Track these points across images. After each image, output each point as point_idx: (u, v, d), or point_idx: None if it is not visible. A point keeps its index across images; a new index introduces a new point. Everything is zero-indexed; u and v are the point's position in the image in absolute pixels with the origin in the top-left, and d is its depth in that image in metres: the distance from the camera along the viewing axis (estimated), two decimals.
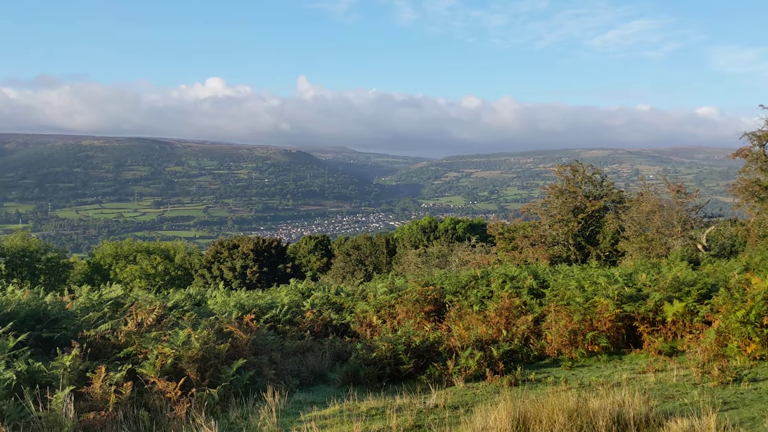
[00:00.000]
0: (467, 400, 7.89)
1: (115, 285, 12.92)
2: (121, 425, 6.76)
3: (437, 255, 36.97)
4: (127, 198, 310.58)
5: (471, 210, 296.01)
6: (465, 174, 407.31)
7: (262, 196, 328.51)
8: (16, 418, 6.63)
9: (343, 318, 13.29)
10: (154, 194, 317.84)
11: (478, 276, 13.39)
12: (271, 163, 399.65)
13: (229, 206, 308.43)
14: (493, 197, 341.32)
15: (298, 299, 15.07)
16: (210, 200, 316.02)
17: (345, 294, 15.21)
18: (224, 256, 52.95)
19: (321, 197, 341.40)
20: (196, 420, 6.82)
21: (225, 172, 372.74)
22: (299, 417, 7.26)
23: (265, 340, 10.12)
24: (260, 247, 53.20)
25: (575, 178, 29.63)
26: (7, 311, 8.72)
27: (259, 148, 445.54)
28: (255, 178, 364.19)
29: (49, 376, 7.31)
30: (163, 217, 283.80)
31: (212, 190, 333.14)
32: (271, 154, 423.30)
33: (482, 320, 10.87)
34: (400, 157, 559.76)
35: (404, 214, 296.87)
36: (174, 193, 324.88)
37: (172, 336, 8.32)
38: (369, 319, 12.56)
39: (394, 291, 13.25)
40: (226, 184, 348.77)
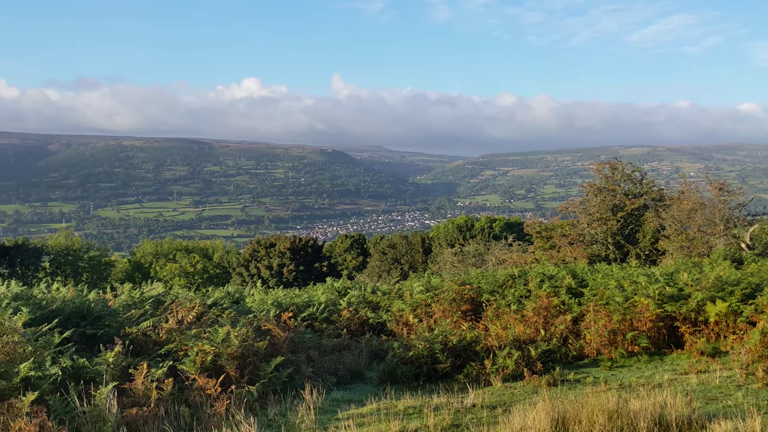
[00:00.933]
0: (505, 399, 7.85)
1: (156, 283, 13.16)
2: (162, 421, 6.88)
3: (473, 254, 36.78)
4: (167, 197, 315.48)
5: (507, 208, 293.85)
6: (501, 172, 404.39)
7: (298, 195, 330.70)
8: (61, 412, 6.80)
9: (380, 317, 13.31)
10: (193, 194, 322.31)
11: (516, 275, 13.29)
12: (307, 163, 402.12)
13: (266, 205, 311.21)
14: (530, 196, 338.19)
15: (334, 298, 15.13)
16: (247, 199, 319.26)
17: (381, 293, 15.23)
18: (261, 254, 53.48)
19: (356, 196, 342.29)
20: (236, 416, 6.91)
21: (262, 172, 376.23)
22: (337, 415, 7.30)
23: (303, 338, 10.20)
24: (297, 246, 53.61)
25: (614, 176, 29.18)
26: (53, 308, 8.94)
27: (295, 147, 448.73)
28: (291, 178, 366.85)
29: (93, 372, 7.48)
30: (201, 216, 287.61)
31: (249, 190, 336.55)
32: (307, 154, 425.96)
33: (520, 320, 10.79)
34: (435, 155, 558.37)
35: (440, 212, 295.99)
36: (212, 192, 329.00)
37: (212, 333, 8.44)
38: (405, 318, 12.56)
39: (431, 290, 13.22)
40: (263, 183, 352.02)
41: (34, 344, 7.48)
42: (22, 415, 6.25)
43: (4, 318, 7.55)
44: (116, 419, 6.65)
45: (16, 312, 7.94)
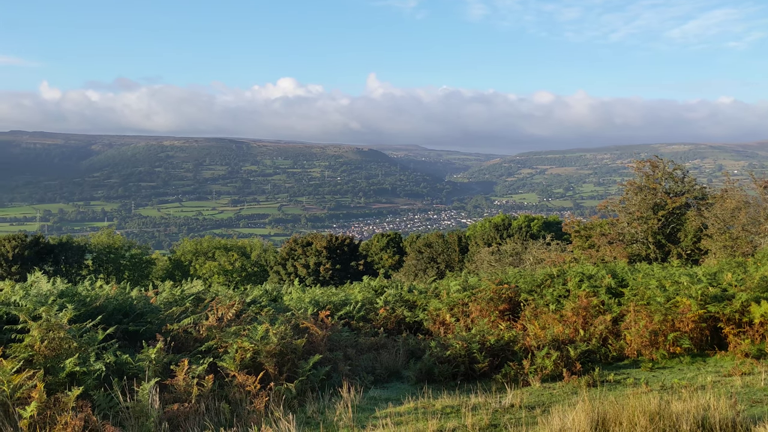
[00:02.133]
0: (544, 400, 7.78)
1: (196, 281, 13.35)
2: (203, 417, 6.98)
3: (511, 253, 36.51)
4: (206, 196, 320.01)
5: (545, 207, 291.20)
6: (539, 171, 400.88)
7: (334, 194, 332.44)
8: (105, 407, 6.95)
9: (416, 315, 13.30)
10: (231, 193, 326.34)
11: (554, 274, 13.15)
12: (344, 162, 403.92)
13: (303, 204, 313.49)
14: (568, 194, 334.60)
15: (371, 296, 15.16)
16: (284, 198, 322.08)
17: (418, 291, 15.22)
18: (298, 253, 53.88)
19: (392, 195, 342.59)
20: (275, 413, 6.97)
21: (299, 171, 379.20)
22: (374, 413, 7.32)
23: (340, 336, 10.25)
24: (333, 245, 53.87)
25: (655, 174, 28.66)
26: (97, 305, 9.13)
27: (331, 146, 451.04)
28: (328, 177, 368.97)
29: (135, 368, 7.62)
30: (239, 215, 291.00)
31: (286, 189, 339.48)
32: (344, 153, 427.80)
33: (558, 319, 10.68)
34: (472, 154, 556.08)
35: (476, 211, 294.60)
36: (250, 191, 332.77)
37: (251, 331, 8.53)
38: (442, 317, 12.53)
39: (468, 289, 13.17)
40: (300, 182, 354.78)
41: (79, 340, 7.66)
42: (68, 410, 6.40)
43: (50, 314, 7.74)
44: (158, 414, 6.77)
45: (62, 309, 8.13)
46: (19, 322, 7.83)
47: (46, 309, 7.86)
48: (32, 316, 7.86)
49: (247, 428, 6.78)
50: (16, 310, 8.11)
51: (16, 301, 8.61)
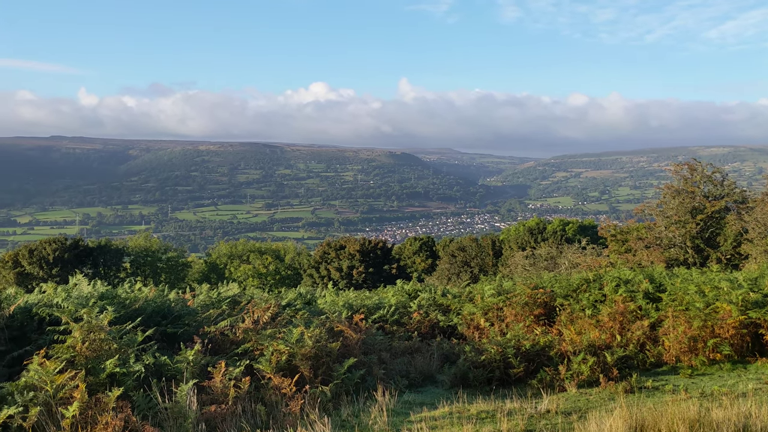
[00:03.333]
0: (580, 406, 7.70)
1: (232, 284, 13.50)
2: (240, 418, 7.06)
3: (545, 257, 36.17)
4: (241, 200, 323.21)
5: (580, 211, 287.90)
6: (574, 174, 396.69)
7: (367, 198, 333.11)
8: (144, 408, 7.07)
9: (450, 320, 13.27)
10: (265, 196, 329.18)
11: (590, 279, 12.99)
12: (376, 165, 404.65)
13: (336, 208, 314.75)
14: (603, 198, 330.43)
15: (404, 300, 15.17)
16: (317, 202, 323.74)
17: (451, 296, 15.17)
18: (331, 256, 54.10)
19: (425, 198, 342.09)
20: (310, 416, 7.02)
21: (332, 175, 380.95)
22: (409, 417, 7.32)
23: (374, 339, 10.27)
24: (366, 248, 53.98)
25: (693, 177, 28.15)
26: (136, 307, 9.29)
27: (364, 150, 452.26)
28: (360, 180, 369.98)
29: (173, 370, 7.74)
30: (273, 218, 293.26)
31: (320, 192, 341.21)
32: (376, 156, 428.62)
33: (595, 325, 10.55)
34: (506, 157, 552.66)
35: (510, 215, 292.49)
36: (283, 195, 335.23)
37: (287, 334, 8.60)
38: (476, 322, 12.47)
39: (502, 293, 13.09)
40: (333, 186, 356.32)
41: (119, 342, 7.80)
42: (108, 410, 6.53)
43: (91, 316, 7.91)
44: (196, 416, 6.87)
45: (102, 311, 8.30)
46: (61, 324, 8.01)
47: (87, 311, 8.03)
48: (74, 318, 8.03)
49: (283, 430, 6.83)
50: (59, 311, 8.31)
51: (58, 303, 8.81)
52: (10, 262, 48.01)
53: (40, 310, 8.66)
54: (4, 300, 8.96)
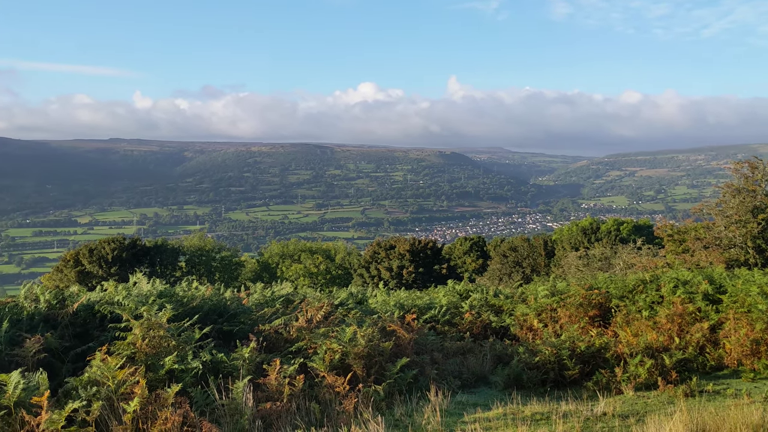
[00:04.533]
0: (638, 409, 7.54)
1: (285, 283, 13.67)
2: (294, 416, 7.14)
3: (599, 257, 35.52)
4: (292, 200, 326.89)
5: (635, 210, 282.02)
6: (628, 173, 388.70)
7: (417, 198, 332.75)
8: (202, 404, 7.21)
9: (503, 320, 13.14)
10: (316, 197, 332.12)
11: (647, 280, 12.71)
12: (426, 165, 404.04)
13: (385, 208, 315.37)
14: (659, 197, 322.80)
15: (456, 300, 15.10)
16: (367, 202, 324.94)
17: (504, 296, 15.03)
18: (381, 256, 54.23)
19: (475, 198, 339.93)
20: (363, 415, 7.05)
21: (381, 175, 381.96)
22: (463, 418, 7.28)
23: (426, 339, 10.26)
24: (416, 248, 53.93)
25: (754, 176, 27.22)
26: (193, 305, 9.49)
27: (414, 150, 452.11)
28: (410, 180, 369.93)
29: (230, 367, 7.87)
30: (323, 218, 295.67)
31: (369, 192, 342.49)
32: (426, 156, 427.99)
33: (652, 326, 10.32)
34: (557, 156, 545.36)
35: (563, 214, 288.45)
36: (334, 195, 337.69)
37: (339, 333, 8.67)
38: (530, 323, 12.33)
39: (556, 294, 12.91)
40: (383, 186, 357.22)
41: (178, 339, 7.98)
42: (167, 405, 6.68)
43: (150, 314, 8.12)
44: (252, 412, 6.97)
45: (161, 308, 8.50)
46: (122, 321, 8.23)
47: (147, 308, 8.24)
48: (134, 315, 8.25)
49: (337, 428, 6.89)
50: (120, 309, 8.54)
51: (119, 301, 9.06)
52: (72, 261, 49.59)
53: (102, 308, 8.92)
54: (68, 298, 9.26)
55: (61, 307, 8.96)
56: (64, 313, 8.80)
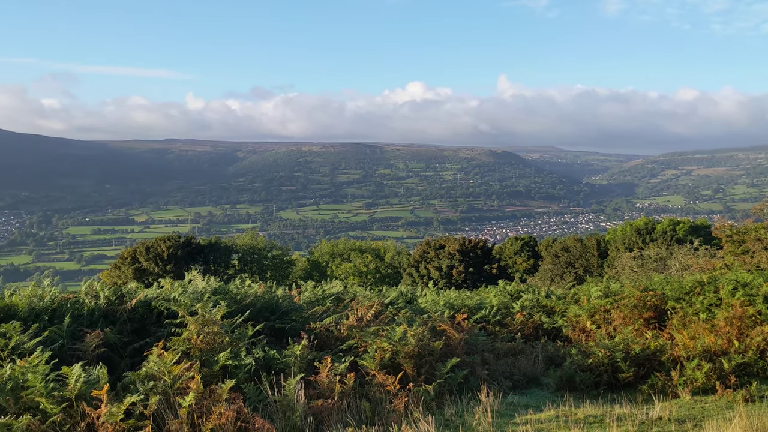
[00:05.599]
0: (695, 414, 7.35)
1: (335, 281, 13.77)
2: (345, 413, 7.19)
3: (654, 258, 34.71)
4: (341, 200, 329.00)
5: (692, 210, 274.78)
6: (685, 172, 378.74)
7: (466, 197, 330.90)
8: (255, 400, 7.32)
9: (555, 322, 12.98)
10: (365, 196, 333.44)
11: (704, 282, 12.37)
12: (476, 164, 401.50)
13: (435, 207, 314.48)
14: (717, 196, 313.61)
15: (507, 301, 14.97)
16: (416, 201, 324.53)
17: (556, 297, 14.84)
18: (431, 255, 54.11)
19: (527, 197, 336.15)
20: (414, 414, 7.06)
21: (431, 174, 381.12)
22: (514, 419, 7.22)
23: (477, 340, 10.20)
24: (466, 248, 53.64)
25: None
26: (246, 303, 9.65)
27: (464, 149, 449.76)
28: (460, 179, 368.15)
29: (282, 364, 7.98)
30: (373, 217, 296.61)
31: (419, 192, 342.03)
32: (476, 155, 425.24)
33: (710, 329, 10.03)
34: (611, 155, 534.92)
35: (616, 214, 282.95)
36: (383, 194, 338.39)
37: (390, 332, 8.69)
38: (582, 324, 12.14)
39: (610, 295, 12.68)
40: (432, 185, 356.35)
41: (231, 335, 8.13)
42: (221, 401, 6.81)
43: (205, 310, 8.29)
44: (304, 409, 7.05)
45: (215, 305, 8.67)
46: (178, 317, 8.43)
47: (202, 305, 8.42)
48: (189, 312, 8.44)
49: (387, 427, 6.91)
50: (176, 305, 8.75)
51: (175, 298, 9.27)
52: (129, 258, 50.94)
53: (159, 304, 9.15)
54: (127, 294, 9.53)
55: (119, 303, 9.22)
56: (122, 309, 9.05)
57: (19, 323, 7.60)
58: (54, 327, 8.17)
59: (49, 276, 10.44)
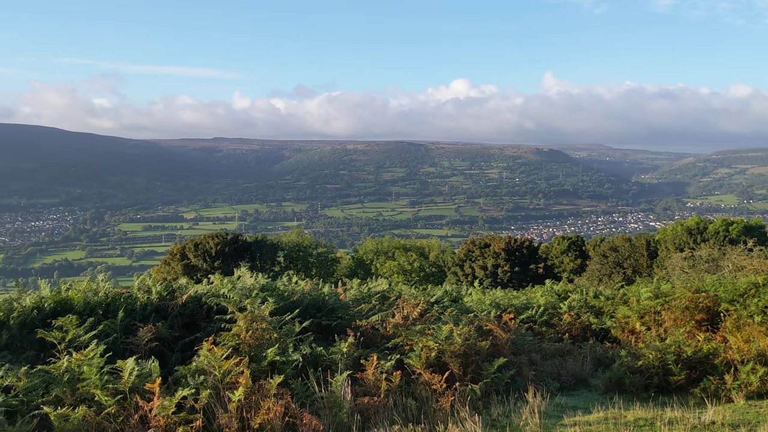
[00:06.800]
0: (749, 419, 7.15)
1: (381, 279, 13.82)
2: (391, 411, 7.21)
3: (706, 259, 33.83)
4: (386, 198, 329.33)
5: (746, 210, 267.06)
6: (738, 170, 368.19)
7: (512, 196, 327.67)
8: (302, 396, 7.40)
9: (603, 323, 12.78)
10: (410, 194, 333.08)
11: (759, 283, 12.02)
12: (522, 162, 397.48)
13: (480, 206, 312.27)
14: None
15: (554, 301, 14.80)
16: (461, 200, 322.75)
17: (604, 298, 14.61)
18: (476, 254, 53.78)
19: (574, 196, 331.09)
20: (460, 413, 7.04)
21: (476, 172, 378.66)
22: (562, 420, 7.14)
23: (524, 340, 10.12)
24: (512, 247, 53.15)
25: None
26: (293, 299, 9.76)
27: (510, 147, 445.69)
28: (505, 178, 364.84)
29: (328, 360, 8.04)
30: (417, 216, 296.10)
31: (463, 190, 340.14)
32: (522, 153, 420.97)
33: (765, 332, 9.77)
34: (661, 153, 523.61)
35: (666, 214, 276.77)
36: (428, 193, 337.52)
37: (436, 330, 8.69)
38: (632, 326, 11.93)
39: (660, 296, 12.42)
40: (477, 183, 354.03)
41: (279, 332, 8.23)
42: (270, 396, 6.90)
43: (254, 306, 8.41)
44: (350, 406, 7.09)
45: (264, 302, 8.79)
46: (227, 313, 8.57)
47: (251, 301, 8.55)
48: (238, 308, 8.58)
49: (433, 426, 6.91)
50: (225, 301, 8.90)
51: (224, 294, 9.43)
52: (178, 254, 51.92)
53: (209, 300, 9.31)
54: (177, 290, 9.73)
55: (171, 298, 9.42)
56: (173, 304, 9.25)
57: (75, 317, 7.83)
58: (108, 321, 8.39)
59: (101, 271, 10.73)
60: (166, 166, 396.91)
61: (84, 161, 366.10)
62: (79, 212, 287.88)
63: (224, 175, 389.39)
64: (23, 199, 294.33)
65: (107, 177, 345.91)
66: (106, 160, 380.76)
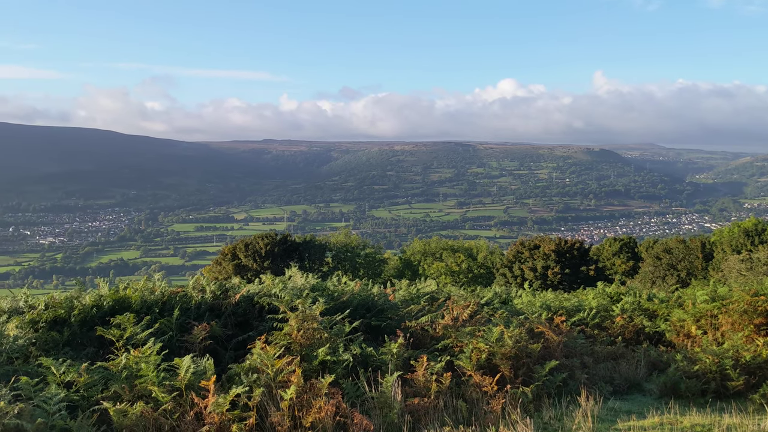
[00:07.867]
0: None
1: (429, 280, 13.81)
2: (442, 413, 7.21)
3: (765, 262, 32.81)
4: (433, 199, 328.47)
5: None
6: None
7: (562, 197, 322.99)
8: (353, 395, 7.46)
9: (657, 326, 12.50)
10: (457, 195, 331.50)
11: None
12: (572, 162, 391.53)
13: (529, 206, 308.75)
14: None
15: (606, 303, 14.54)
16: (510, 200, 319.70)
17: (658, 300, 14.28)
18: (525, 256, 53.22)
19: (626, 197, 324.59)
20: (512, 416, 7.00)
21: (525, 173, 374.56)
22: (616, 425, 7.03)
23: (576, 343, 9.98)
24: (562, 248, 52.43)
25: None
26: (343, 300, 9.85)
27: (559, 147, 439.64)
28: (555, 178, 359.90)
29: (378, 361, 8.09)
30: (465, 216, 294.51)
31: (512, 191, 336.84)
32: (572, 154, 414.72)
33: None
34: (717, 152, 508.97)
35: (722, 215, 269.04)
36: (476, 193, 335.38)
37: (486, 332, 8.65)
38: (687, 329, 11.64)
39: (717, 300, 12.09)
40: (526, 184, 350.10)
41: (330, 332, 8.32)
42: (321, 395, 6.97)
43: (305, 306, 8.51)
44: (401, 407, 7.12)
45: (314, 302, 8.89)
46: (279, 312, 8.70)
47: (302, 301, 8.65)
48: (290, 307, 8.69)
49: (484, 428, 6.88)
50: (277, 301, 9.03)
51: (276, 293, 9.57)
52: (229, 254, 52.81)
53: (261, 299, 9.47)
54: (231, 289, 9.91)
55: (224, 297, 9.61)
56: (227, 304, 9.43)
57: (133, 315, 8.06)
58: (164, 319, 8.61)
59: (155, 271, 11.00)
60: (217, 167, 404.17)
61: (138, 163, 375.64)
62: (133, 213, 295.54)
63: (273, 176, 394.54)
64: (81, 200, 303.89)
65: (161, 179, 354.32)
66: (159, 162, 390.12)
